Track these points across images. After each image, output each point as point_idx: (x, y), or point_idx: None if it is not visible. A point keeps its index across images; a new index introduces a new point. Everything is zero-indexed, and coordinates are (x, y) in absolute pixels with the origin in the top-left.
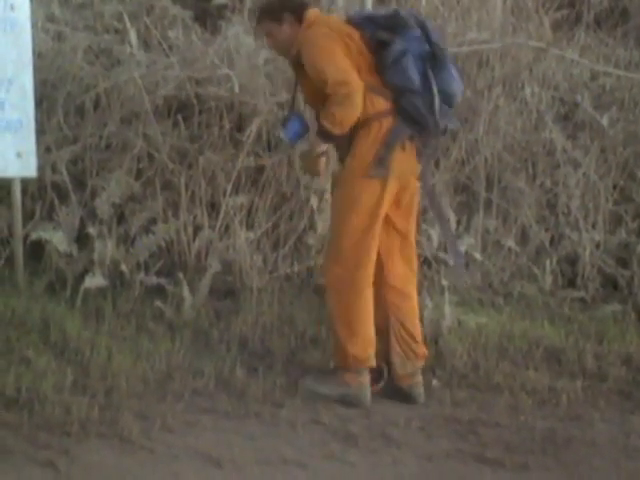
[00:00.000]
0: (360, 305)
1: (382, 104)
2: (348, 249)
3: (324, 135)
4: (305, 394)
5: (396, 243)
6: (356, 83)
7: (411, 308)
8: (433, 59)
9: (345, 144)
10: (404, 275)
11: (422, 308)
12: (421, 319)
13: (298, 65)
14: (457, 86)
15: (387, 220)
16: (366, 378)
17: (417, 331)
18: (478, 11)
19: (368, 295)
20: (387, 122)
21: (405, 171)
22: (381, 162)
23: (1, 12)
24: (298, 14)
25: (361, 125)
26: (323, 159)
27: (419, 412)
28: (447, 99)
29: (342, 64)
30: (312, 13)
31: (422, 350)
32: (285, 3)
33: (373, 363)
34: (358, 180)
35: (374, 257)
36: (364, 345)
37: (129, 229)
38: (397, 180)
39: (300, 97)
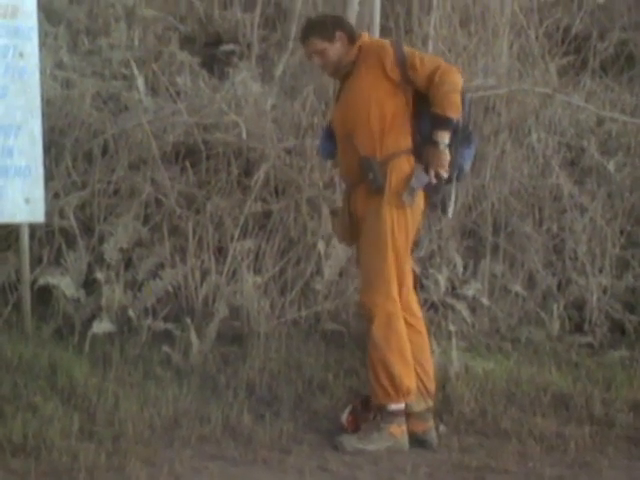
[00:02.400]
0: (405, 335)
1: (410, 142)
2: (393, 283)
3: (448, 124)
4: (347, 451)
5: (410, 275)
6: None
7: (424, 343)
8: (463, 131)
9: (380, 172)
10: (416, 309)
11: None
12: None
13: (354, 82)
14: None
15: None
16: (405, 425)
17: (430, 367)
18: (484, 57)
19: None
20: (412, 160)
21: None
22: (411, 192)
23: (10, 59)
24: (349, 32)
25: (397, 155)
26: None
27: (427, 458)
28: (460, 174)
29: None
30: (365, 34)
31: (432, 387)
32: (338, 21)
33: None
34: (393, 211)
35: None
36: (413, 376)
37: (137, 274)
38: (418, 212)
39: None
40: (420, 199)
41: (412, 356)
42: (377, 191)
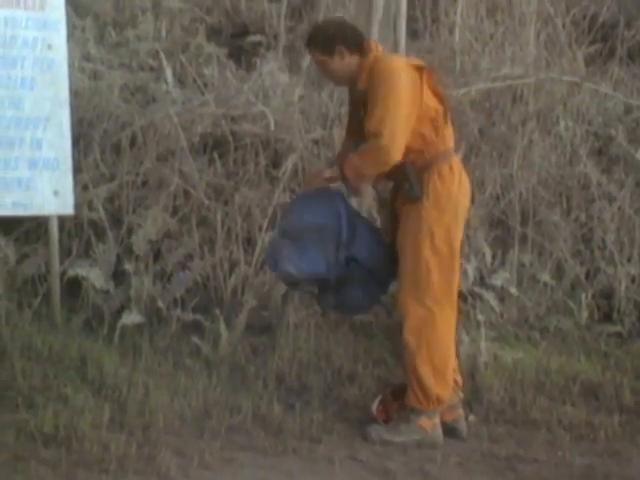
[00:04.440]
0: (448, 344)
1: (440, 150)
2: (427, 290)
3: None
4: (377, 443)
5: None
6: (397, 148)
7: None
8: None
9: (415, 179)
10: None
11: (458, 343)
12: (457, 354)
13: (360, 97)
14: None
15: None
16: (438, 418)
17: (455, 359)
18: (512, 46)
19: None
20: (455, 162)
21: None
22: None
23: (38, 52)
24: (352, 44)
25: (432, 164)
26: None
27: (457, 448)
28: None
29: (402, 126)
30: (374, 44)
31: (459, 378)
32: (338, 35)
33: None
34: (432, 221)
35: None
36: (447, 385)
37: (165, 265)
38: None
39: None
40: (465, 198)
41: None
42: (414, 200)
